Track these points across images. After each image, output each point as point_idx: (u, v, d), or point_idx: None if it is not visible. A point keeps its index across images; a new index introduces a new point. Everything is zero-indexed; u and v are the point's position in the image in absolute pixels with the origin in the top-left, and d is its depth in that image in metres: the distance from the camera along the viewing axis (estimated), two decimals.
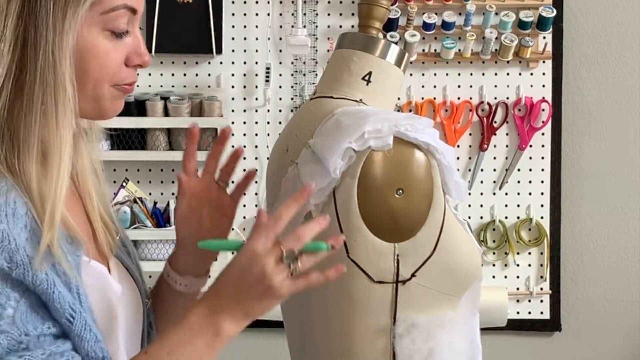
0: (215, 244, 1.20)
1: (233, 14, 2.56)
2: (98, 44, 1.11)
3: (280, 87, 2.58)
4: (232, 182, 1.29)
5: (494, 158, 2.60)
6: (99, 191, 1.24)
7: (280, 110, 2.58)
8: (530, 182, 2.60)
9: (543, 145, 2.59)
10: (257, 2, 2.56)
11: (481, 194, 2.61)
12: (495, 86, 2.59)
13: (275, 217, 1.11)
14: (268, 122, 2.58)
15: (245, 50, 2.58)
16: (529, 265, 2.62)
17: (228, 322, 1.10)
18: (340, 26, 2.57)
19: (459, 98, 2.59)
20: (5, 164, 1.08)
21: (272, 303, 1.11)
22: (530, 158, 2.59)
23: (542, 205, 2.60)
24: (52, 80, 1.08)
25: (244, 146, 2.59)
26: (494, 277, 2.61)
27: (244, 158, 2.60)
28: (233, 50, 2.57)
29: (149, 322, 1.30)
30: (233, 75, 2.58)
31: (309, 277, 1.11)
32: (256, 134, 2.59)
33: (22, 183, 1.07)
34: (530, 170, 2.60)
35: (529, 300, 2.62)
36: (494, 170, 2.61)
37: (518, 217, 2.61)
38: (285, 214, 1.12)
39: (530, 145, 2.58)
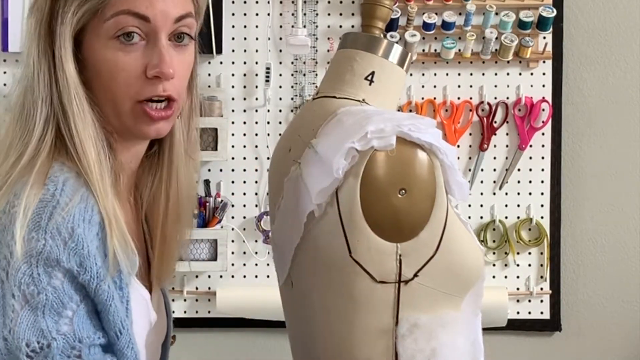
0: None
1: (233, 14, 2.56)
2: (106, 54, 1.12)
3: (280, 87, 2.58)
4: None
5: (494, 158, 2.60)
6: (182, 224, 1.26)
7: (280, 110, 2.58)
8: (530, 182, 2.60)
9: (543, 145, 2.59)
10: (257, 2, 2.56)
11: (481, 194, 2.60)
12: (495, 86, 2.59)
13: None
14: (268, 122, 2.58)
15: (245, 50, 2.57)
16: (529, 265, 2.62)
17: None
18: (340, 26, 2.57)
19: (459, 98, 2.58)
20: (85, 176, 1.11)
21: None
22: (530, 158, 2.59)
23: (542, 205, 2.60)
24: (63, 88, 1.12)
25: (244, 146, 2.59)
26: (494, 277, 2.61)
27: (244, 158, 2.60)
28: (233, 50, 2.57)
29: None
30: (233, 75, 2.58)
31: None
32: (256, 134, 2.58)
33: (95, 195, 1.10)
34: (530, 170, 2.60)
35: (529, 300, 2.62)
36: (494, 170, 2.60)
37: (518, 217, 2.61)
38: None
39: (530, 145, 2.58)
